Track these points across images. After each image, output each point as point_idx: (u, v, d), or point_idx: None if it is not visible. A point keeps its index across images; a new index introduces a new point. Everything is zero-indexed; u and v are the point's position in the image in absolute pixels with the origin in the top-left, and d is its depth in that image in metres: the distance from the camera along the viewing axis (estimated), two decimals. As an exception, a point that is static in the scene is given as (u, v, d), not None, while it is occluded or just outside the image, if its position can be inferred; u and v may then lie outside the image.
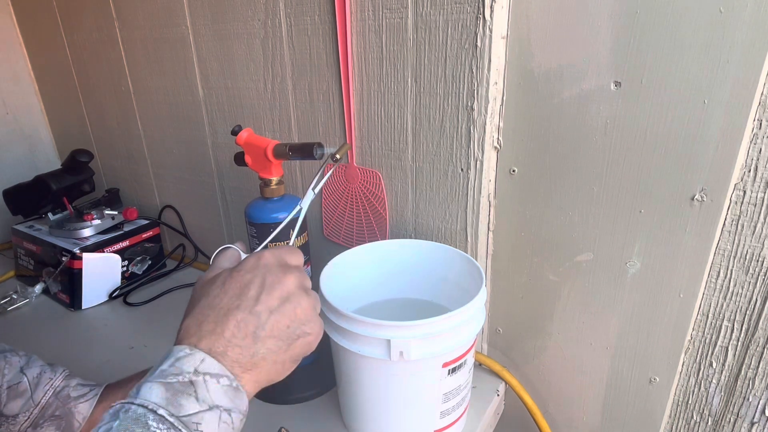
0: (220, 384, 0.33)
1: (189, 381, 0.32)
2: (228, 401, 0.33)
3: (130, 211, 0.97)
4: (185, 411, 0.30)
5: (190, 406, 0.31)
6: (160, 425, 0.29)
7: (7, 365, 0.54)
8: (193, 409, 0.31)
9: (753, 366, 0.50)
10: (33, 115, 1.17)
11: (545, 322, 0.61)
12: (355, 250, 0.61)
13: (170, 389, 0.31)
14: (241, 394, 0.34)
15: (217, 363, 0.33)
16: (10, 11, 1.09)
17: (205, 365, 0.33)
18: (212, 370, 0.33)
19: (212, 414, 0.31)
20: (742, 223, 0.46)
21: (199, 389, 0.32)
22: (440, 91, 0.56)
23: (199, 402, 0.31)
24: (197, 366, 0.32)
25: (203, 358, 0.33)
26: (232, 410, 0.33)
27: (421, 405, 0.51)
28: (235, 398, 0.33)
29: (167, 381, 0.31)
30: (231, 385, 0.33)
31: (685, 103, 0.45)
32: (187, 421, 0.30)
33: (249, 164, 0.60)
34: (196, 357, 0.33)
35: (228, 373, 0.33)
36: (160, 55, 0.84)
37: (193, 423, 0.30)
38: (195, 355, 0.33)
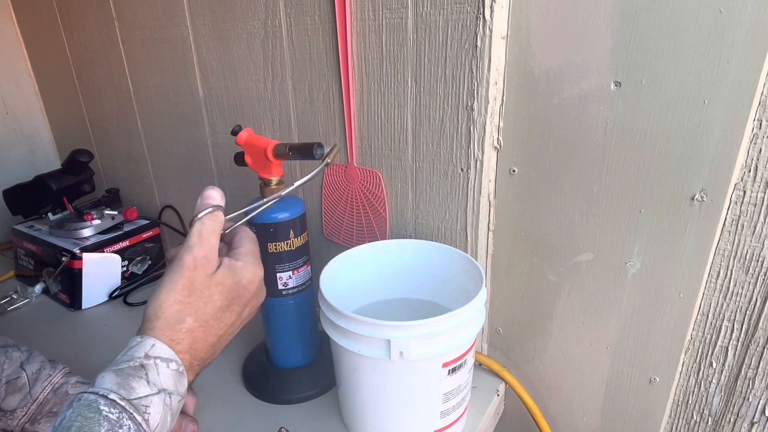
0: (170, 368, 0.34)
1: (140, 365, 0.33)
2: (173, 384, 0.34)
3: (130, 211, 0.97)
4: (136, 394, 0.31)
5: (141, 389, 0.32)
6: (111, 409, 0.30)
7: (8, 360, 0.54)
8: (143, 392, 0.32)
9: (753, 366, 0.50)
10: (33, 116, 1.17)
11: (545, 322, 0.61)
12: (355, 250, 0.61)
13: (121, 374, 0.32)
14: (183, 379, 0.35)
15: (167, 348, 0.34)
16: (10, 11, 1.09)
17: (155, 350, 0.34)
18: (163, 354, 0.34)
19: (159, 397, 0.33)
20: (742, 223, 0.46)
21: (150, 372, 0.33)
22: (440, 91, 0.56)
23: (149, 385, 0.32)
24: (147, 351, 0.34)
25: (153, 343, 0.34)
26: (174, 393, 0.34)
27: (421, 405, 0.51)
28: (179, 383, 0.35)
29: (119, 368, 0.33)
30: (178, 370, 0.34)
31: (685, 103, 0.45)
32: (137, 404, 0.31)
33: (249, 164, 0.60)
34: (146, 343, 0.34)
35: (177, 358, 0.35)
36: (160, 55, 0.84)
37: (143, 406, 0.31)
38: (145, 341, 0.34)
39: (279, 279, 0.60)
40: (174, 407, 0.34)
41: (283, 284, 0.60)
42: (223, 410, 0.62)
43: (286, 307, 0.62)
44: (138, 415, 0.30)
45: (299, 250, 0.60)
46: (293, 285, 0.61)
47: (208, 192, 0.40)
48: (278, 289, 0.60)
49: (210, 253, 0.38)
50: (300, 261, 0.61)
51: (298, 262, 0.60)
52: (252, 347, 0.72)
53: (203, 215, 0.39)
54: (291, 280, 0.61)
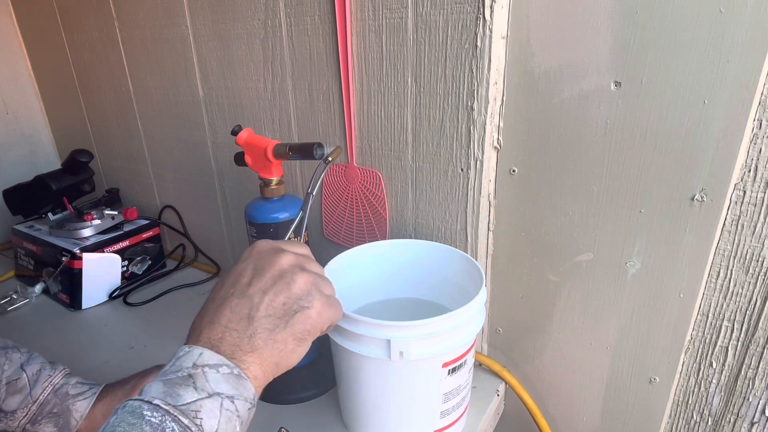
0: (220, 372, 0.32)
1: (188, 375, 0.32)
2: (230, 388, 0.32)
3: (130, 211, 0.97)
4: (183, 400, 0.30)
5: (188, 395, 0.31)
6: (154, 413, 0.29)
7: (8, 361, 0.54)
8: (191, 397, 0.30)
9: (753, 366, 0.50)
10: (33, 116, 1.17)
11: (545, 322, 0.61)
12: (355, 250, 0.61)
13: (168, 383, 0.31)
14: (244, 381, 0.33)
15: (215, 354, 0.33)
16: (10, 11, 1.09)
17: (203, 358, 0.33)
18: (211, 362, 0.33)
19: (212, 401, 0.31)
20: (742, 223, 0.46)
21: (197, 380, 0.32)
22: (440, 91, 0.56)
23: (197, 391, 0.31)
24: (195, 360, 0.33)
25: (201, 352, 0.33)
26: (235, 397, 0.32)
27: (421, 405, 0.51)
28: (238, 385, 0.33)
29: (167, 378, 0.32)
30: (232, 373, 0.33)
31: (685, 103, 0.45)
32: (185, 409, 0.30)
33: (249, 164, 0.60)
34: (194, 352, 0.33)
35: (227, 362, 0.33)
36: (160, 55, 0.84)
37: (192, 411, 0.30)
38: (193, 351, 0.33)
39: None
40: (242, 413, 0.32)
41: (283, 284, 0.60)
42: (223, 410, 0.62)
43: (286, 307, 0.62)
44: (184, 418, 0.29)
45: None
46: (293, 285, 0.61)
47: None
48: (278, 289, 0.60)
49: None
50: (300, 261, 0.61)
51: (298, 262, 0.60)
52: (252, 347, 0.72)
53: None
54: (291, 280, 0.61)
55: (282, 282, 0.37)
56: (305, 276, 0.38)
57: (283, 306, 0.36)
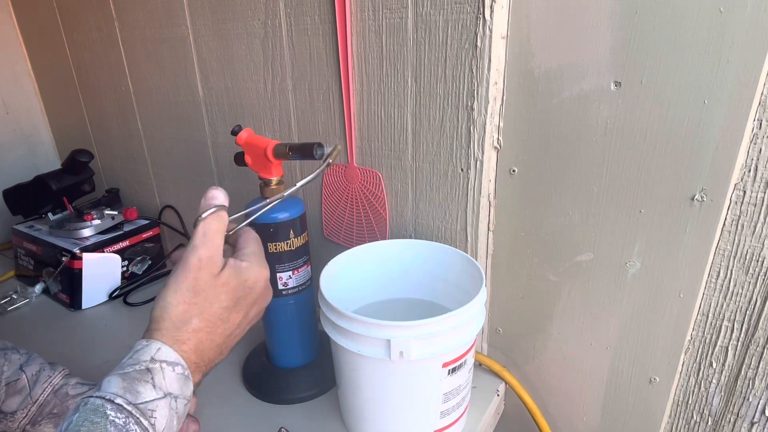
0: (175, 372, 0.34)
1: (146, 368, 0.33)
2: (178, 388, 0.34)
3: (130, 211, 0.97)
4: (142, 398, 0.31)
5: (147, 394, 0.32)
6: (118, 414, 0.30)
7: (7, 362, 0.54)
8: (149, 396, 0.32)
9: (753, 366, 0.50)
10: (33, 116, 1.17)
11: (545, 322, 0.61)
12: (355, 250, 0.61)
13: (127, 378, 0.32)
14: (189, 382, 0.35)
15: (173, 351, 0.34)
16: (10, 11, 1.09)
17: (161, 353, 0.34)
18: (169, 358, 0.34)
19: (165, 401, 0.32)
20: (742, 223, 0.46)
21: (156, 376, 0.33)
22: (440, 91, 0.56)
23: (155, 389, 0.32)
24: (153, 354, 0.34)
25: (159, 347, 0.34)
26: (180, 397, 0.34)
27: (421, 405, 0.51)
28: (184, 386, 0.34)
29: (125, 371, 0.32)
30: (183, 374, 0.34)
31: (685, 103, 0.45)
32: (143, 408, 0.31)
33: (249, 164, 0.60)
34: (152, 346, 0.34)
35: (183, 362, 0.34)
36: (160, 55, 0.84)
37: (149, 410, 0.31)
38: (151, 345, 0.34)
39: (279, 279, 0.60)
40: (180, 411, 0.34)
41: (283, 284, 0.60)
42: (223, 410, 0.62)
43: (286, 307, 0.62)
44: (144, 419, 0.30)
45: (299, 250, 0.60)
46: (293, 285, 0.61)
47: (211, 192, 0.40)
48: (278, 289, 0.60)
49: (215, 253, 0.38)
50: (300, 261, 0.61)
51: (298, 262, 0.60)
52: (252, 347, 0.72)
53: (207, 215, 0.38)
54: (291, 280, 0.61)
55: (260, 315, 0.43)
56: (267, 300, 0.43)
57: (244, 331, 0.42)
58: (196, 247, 0.37)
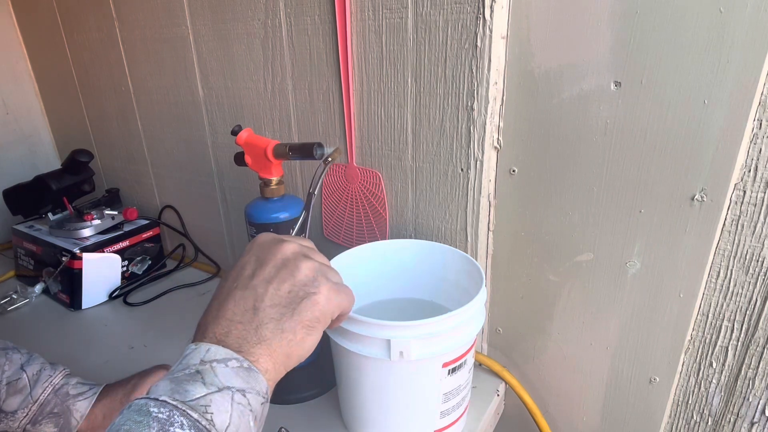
0: (229, 367, 0.31)
1: (196, 371, 0.31)
2: (241, 381, 0.31)
3: (130, 211, 0.97)
4: (191, 395, 0.29)
5: (197, 391, 0.30)
6: (161, 409, 0.28)
7: (8, 362, 0.54)
8: (199, 392, 0.30)
9: (753, 366, 0.50)
10: (33, 116, 1.17)
11: (545, 322, 0.61)
12: (355, 250, 0.61)
13: (175, 381, 0.30)
14: (255, 374, 0.32)
15: (222, 348, 0.32)
16: (10, 11, 1.09)
17: (210, 354, 0.32)
18: (218, 356, 0.32)
19: (222, 395, 0.30)
20: (742, 223, 0.46)
21: (206, 375, 0.31)
22: (440, 91, 0.56)
23: (206, 386, 0.30)
24: (203, 356, 0.32)
25: (208, 348, 0.32)
26: (247, 391, 0.31)
27: (421, 405, 0.51)
28: (249, 378, 0.32)
29: (174, 376, 0.31)
30: (242, 366, 0.32)
31: (685, 103, 0.45)
32: (193, 404, 0.29)
33: (249, 164, 0.60)
34: (201, 349, 0.32)
35: (235, 355, 0.32)
36: (160, 55, 0.84)
37: (201, 406, 0.29)
38: (200, 347, 0.32)
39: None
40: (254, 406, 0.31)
41: (283, 284, 0.60)
42: (223, 410, 0.62)
43: (286, 307, 0.62)
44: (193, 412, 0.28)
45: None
46: (293, 285, 0.61)
47: None
48: (278, 289, 0.60)
49: None
50: (300, 261, 0.61)
51: (298, 262, 0.60)
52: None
53: None
54: (291, 280, 0.61)
55: (286, 270, 0.36)
56: (309, 263, 0.37)
57: (289, 294, 0.35)
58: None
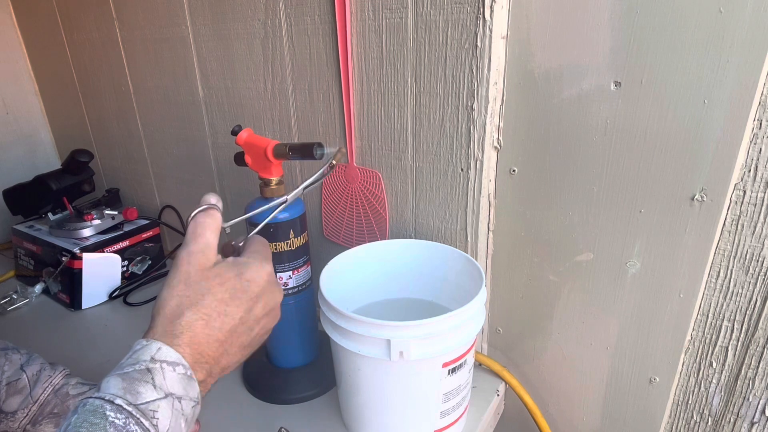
0: (176, 372, 0.33)
1: (146, 368, 0.32)
2: (181, 389, 0.33)
3: (130, 211, 0.97)
4: (143, 399, 0.31)
5: (148, 394, 0.31)
6: (117, 414, 0.29)
7: (8, 362, 0.54)
8: (150, 396, 0.31)
9: (753, 366, 0.50)
10: (33, 116, 1.17)
11: (545, 322, 0.61)
12: (355, 250, 0.61)
13: (127, 378, 0.31)
14: (193, 383, 0.34)
15: (173, 351, 0.34)
16: (10, 11, 1.10)
17: (161, 353, 0.33)
18: (169, 358, 0.33)
19: (167, 401, 0.32)
20: (742, 223, 0.46)
21: (156, 376, 0.32)
22: (440, 91, 0.56)
23: (156, 389, 0.32)
24: (153, 354, 0.33)
25: (159, 347, 0.33)
26: (183, 397, 0.33)
27: (421, 405, 0.51)
28: (188, 386, 0.34)
29: (124, 372, 0.32)
30: (186, 374, 0.33)
31: (685, 103, 0.45)
32: (144, 408, 0.30)
33: (249, 164, 0.60)
34: (152, 346, 0.33)
35: (184, 362, 0.34)
36: (160, 55, 0.84)
37: (150, 411, 0.31)
38: (151, 345, 0.34)
39: (279, 279, 0.60)
40: (187, 412, 0.33)
41: (283, 284, 0.60)
42: (223, 410, 0.62)
43: (286, 307, 0.62)
44: (145, 420, 0.30)
45: (299, 250, 0.60)
46: (293, 285, 0.61)
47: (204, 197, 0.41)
48: (278, 289, 0.60)
49: (206, 247, 0.38)
50: (300, 261, 0.61)
51: (298, 262, 0.60)
52: (252, 347, 0.72)
53: (197, 212, 0.40)
54: (291, 280, 0.61)
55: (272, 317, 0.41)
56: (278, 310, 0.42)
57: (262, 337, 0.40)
58: (186, 243, 0.38)
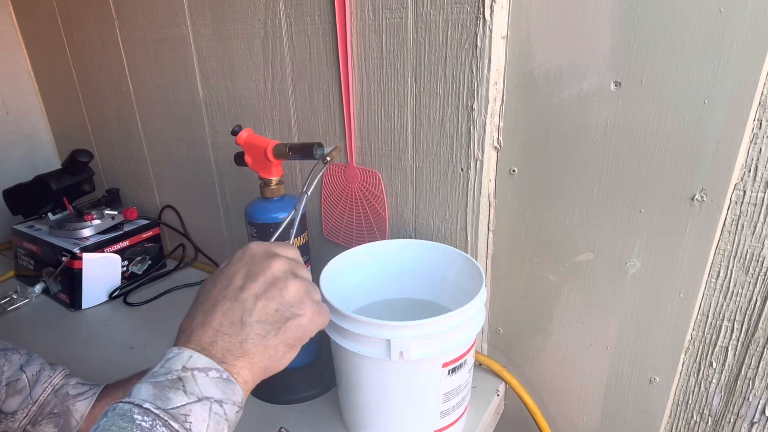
0: (209, 377, 0.32)
1: (177, 377, 0.32)
2: (219, 392, 0.32)
3: (130, 211, 0.97)
4: (172, 404, 0.30)
5: (178, 399, 0.31)
6: (144, 417, 0.29)
7: (7, 363, 0.54)
8: (180, 401, 0.31)
9: (753, 366, 0.50)
10: (33, 115, 1.17)
11: (545, 322, 0.61)
12: (355, 250, 0.61)
13: (158, 386, 0.31)
14: (233, 385, 0.33)
15: (204, 357, 0.33)
16: (10, 11, 1.09)
17: (192, 361, 0.33)
18: (200, 365, 0.33)
19: (201, 405, 0.31)
20: (742, 223, 0.46)
21: (187, 383, 0.32)
22: (440, 91, 0.56)
23: (187, 394, 0.31)
24: (185, 363, 0.33)
25: (191, 355, 0.33)
26: (224, 401, 0.32)
27: (421, 405, 0.51)
28: (227, 389, 0.33)
29: (156, 380, 0.32)
30: (221, 377, 0.33)
31: (685, 103, 0.45)
32: (174, 413, 0.30)
33: (249, 164, 0.60)
34: (183, 355, 0.33)
35: (216, 366, 0.33)
36: (160, 55, 0.84)
37: (181, 415, 0.30)
38: (183, 353, 0.33)
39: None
40: (230, 416, 0.32)
41: (283, 284, 0.60)
42: (223, 410, 0.62)
43: (286, 307, 0.62)
44: (174, 422, 0.29)
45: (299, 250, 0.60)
46: (293, 285, 0.61)
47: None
48: (278, 289, 0.60)
49: None
50: (300, 261, 0.61)
51: (298, 262, 0.60)
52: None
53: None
54: (291, 280, 0.60)
55: (275, 288, 0.37)
56: (297, 283, 0.38)
57: (276, 312, 0.37)
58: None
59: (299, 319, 0.37)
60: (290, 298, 0.37)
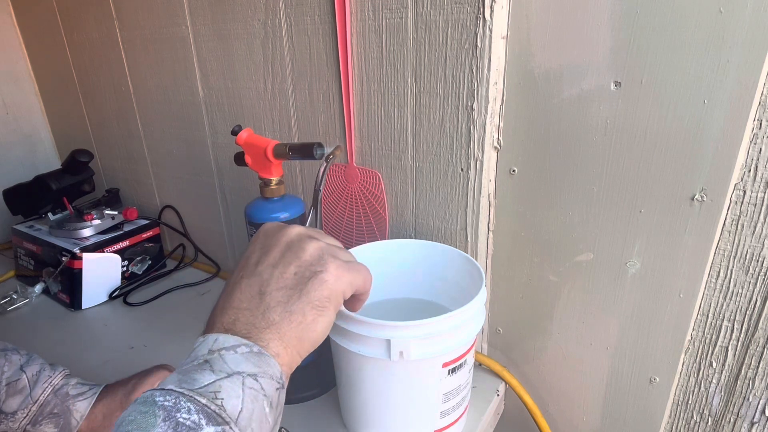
0: (239, 353, 0.31)
1: (204, 361, 0.30)
2: (251, 366, 0.30)
3: (130, 211, 0.97)
4: (199, 383, 0.28)
5: (205, 378, 0.29)
6: (167, 397, 0.27)
7: (7, 363, 0.54)
8: (208, 379, 0.29)
9: (753, 366, 0.50)
10: (33, 115, 1.17)
11: (545, 322, 0.61)
12: (354, 250, 0.61)
13: (183, 372, 0.29)
14: (267, 358, 0.31)
15: (230, 336, 0.32)
16: (10, 11, 1.09)
17: (218, 343, 0.31)
18: (227, 344, 0.31)
19: (232, 380, 0.29)
20: (742, 223, 0.46)
21: (215, 363, 0.30)
22: (440, 91, 0.56)
23: (215, 373, 0.29)
24: (211, 346, 0.31)
25: (216, 338, 0.32)
26: (259, 375, 0.30)
27: (421, 405, 0.51)
28: (260, 362, 0.31)
29: (182, 368, 0.30)
30: (251, 351, 0.31)
31: (685, 103, 0.45)
32: (202, 391, 0.28)
33: (249, 164, 0.60)
34: (208, 340, 0.32)
35: (244, 341, 0.31)
36: (160, 55, 0.84)
37: (210, 392, 0.28)
38: (207, 339, 0.32)
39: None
40: (268, 391, 0.30)
41: (283, 284, 0.60)
42: (223, 410, 0.62)
43: (286, 307, 0.62)
44: (201, 397, 0.27)
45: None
46: (293, 285, 0.61)
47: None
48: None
49: None
50: (300, 261, 0.61)
51: (298, 262, 0.60)
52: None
53: None
54: (291, 280, 0.61)
55: (291, 252, 0.36)
56: (315, 243, 0.36)
57: (295, 275, 0.34)
58: None
59: (321, 275, 0.35)
60: (308, 258, 0.35)
